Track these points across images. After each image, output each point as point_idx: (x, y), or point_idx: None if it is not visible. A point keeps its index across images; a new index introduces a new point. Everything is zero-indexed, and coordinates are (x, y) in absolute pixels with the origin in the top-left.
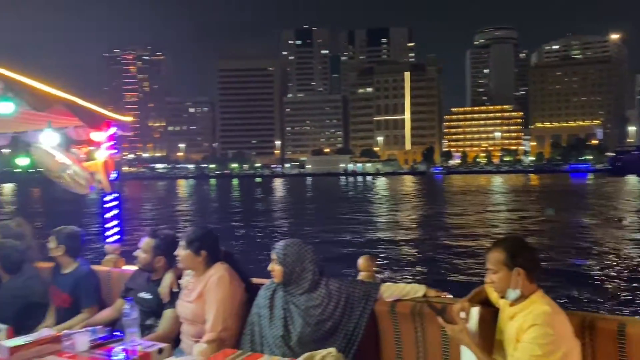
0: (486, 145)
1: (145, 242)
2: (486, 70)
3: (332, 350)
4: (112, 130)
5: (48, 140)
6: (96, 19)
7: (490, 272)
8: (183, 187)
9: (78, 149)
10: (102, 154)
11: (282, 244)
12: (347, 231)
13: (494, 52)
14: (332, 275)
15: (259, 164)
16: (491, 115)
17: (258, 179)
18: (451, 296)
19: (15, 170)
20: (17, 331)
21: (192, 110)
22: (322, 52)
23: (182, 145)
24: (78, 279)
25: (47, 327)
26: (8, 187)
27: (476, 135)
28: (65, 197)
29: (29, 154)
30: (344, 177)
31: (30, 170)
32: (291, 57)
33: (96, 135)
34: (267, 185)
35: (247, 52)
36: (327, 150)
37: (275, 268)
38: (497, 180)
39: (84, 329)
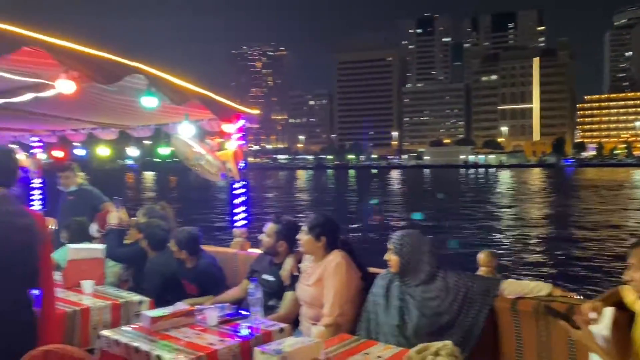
0: (626, 135)
1: (269, 227)
2: (628, 53)
3: (448, 343)
4: (241, 122)
5: (185, 131)
6: (224, 18)
7: (632, 269)
8: (302, 177)
9: (211, 140)
10: (232, 145)
11: (398, 235)
12: (466, 226)
13: (637, 32)
14: (450, 268)
15: (376, 155)
16: (631, 102)
17: (374, 170)
18: (580, 297)
19: (155, 159)
20: (156, 304)
21: (311, 102)
22: (444, 39)
23: (302, 137)
24: (201, 272)
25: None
26: (149, 175)
27: (614, 125)
28: (198, 185)
29: (169, 144)
30: (464, 169)
31: (168, 160)
32: (411, 47)
33: (227, 127)
34: (384, 177)
35: (365, 44)
36: (446, 141)
37: (391, 258)
38: (639, 175)
39: (213, 306)
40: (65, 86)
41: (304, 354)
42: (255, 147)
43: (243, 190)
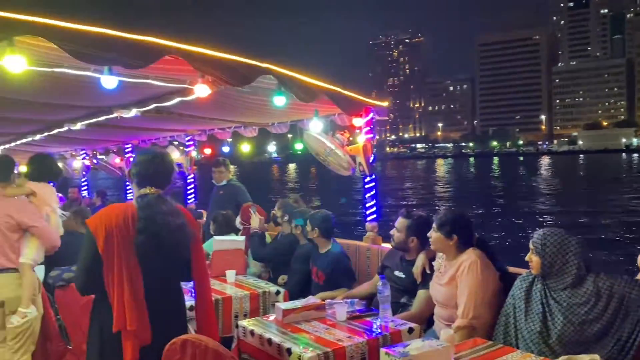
0: None
1: (400, 221)
2: None
3: (596, 357)
4: (370, 115)
5: (315, 127)
6: (362, 10)
7: None
8: (441, 166)
9: (342, 134)
10: (362, 138)
11: (540, 233)
12: (629, 221)
13: None
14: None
15: (523, 141)
16: None
17: (521, 158)
18: None
19: (295, 152)
20: (293, 295)
21: (451, 88)
22: (601, 11)
23: (440, 125)
24: (331, 260)
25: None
26: (291, 167)
27: None
28: (336, 176)
29: (302, 139)
30: (625, 154)
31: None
32: (562, 22)
33: (357, 121)
34: (532, 164)
35: (509, 23)
36: (604, 123)
37: (532, 259)
38: None
39: (343, 301)
40: (201, 90)
41: (431, 358)
42: (392, 137)
43: (373, 184)
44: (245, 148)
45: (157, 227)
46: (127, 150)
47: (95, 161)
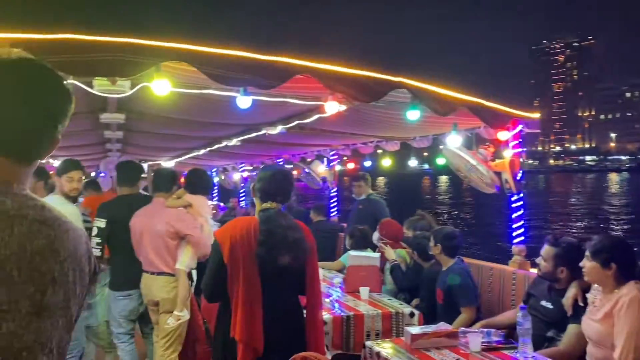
0: None
1: (546, 250)
2: None
3: None
4: (518, 128)
5: (453, 142)
6: (523, 16)
7: None
8: (614, 181)
9: (485, 149)
10: (508, 153)
11: None
12: None
13: None
14: None
15: None
16: None
17: None
18: None
19: (438, 168)
20: (427, 318)
21: (627, 95)
22: None
23: (614, 135)
24: (450, 277)
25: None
26: (443, 179)
27: None
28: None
29: (443, 154)
30: None
31: None
32: None
33: (502, 135)
34: None
35: None
36: None
37: None
38: None
39: (478, 330)
40: (331, 107)
41: None
42: (557, 148)
43: (521, 203)
44: (387, 162)
45: (276, 240)
46: (279, 164)
47: (253, 174)
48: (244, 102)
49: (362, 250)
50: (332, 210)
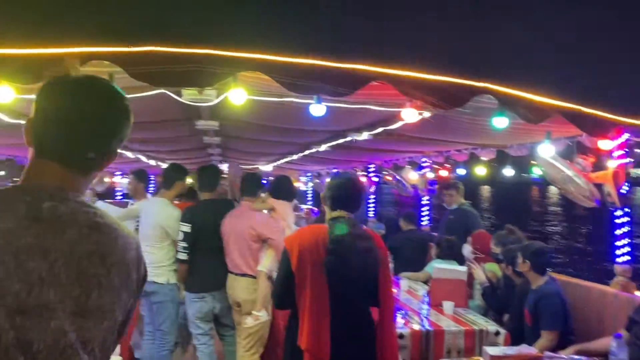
0: None
1: None
2: None
3: None
4: (624, 137)
5: (546, 151)
6: None
7: None
8: None
9: (584, 159)
10: (612, 164)
11: None
12: None
13: None
14: None
15: None
16: None
17: None
18: None
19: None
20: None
21: None
22: None
23: None
24: (538, 297)
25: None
26: (553, 189)
27: None
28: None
29: (538, 164)
30: None
31: None
32: None
33: (604, 144)
34: None
35: None
36: None
37: None
38: None
39: (568, 356)
40: (409, 115)
41: None
42: None
43: (626, 219)
44: (482, 171)
45: (345, 249)
46: (370, 170)
47: None
48: (317, 109)
49: (448, 261)
50: (423, 219)
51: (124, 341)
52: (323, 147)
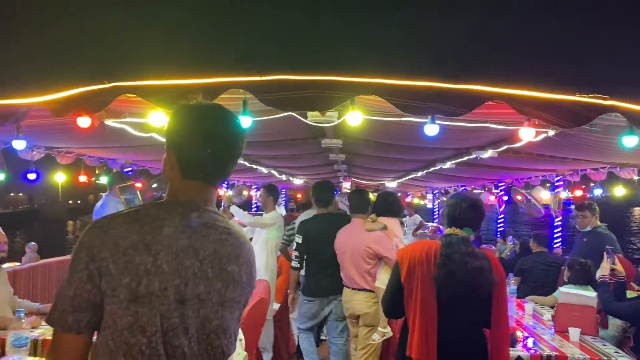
0: None
1: None
2: None
3: None
4: None
5: None
6: None
7: None
8: None
9: None
10: None
11: None
12: None
13: None
14: None
15: None
16: None
17: None
18: None
19: None
20: None
21: None
22: None
23: None
24: None
25: None
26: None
27: None
28: None
29: None
30: None
31: None
32: None
33: None
34: None
35: None
36: None
37: None
38: None
39: None
40: (527, 134)
41: None
42: None
43: None
44: (621, 191)
45: (454, 266)
46: (500, 188)
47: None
48: (431, 129)
49: (581, 286)
50: (555, 240)
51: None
52: (447, 164)
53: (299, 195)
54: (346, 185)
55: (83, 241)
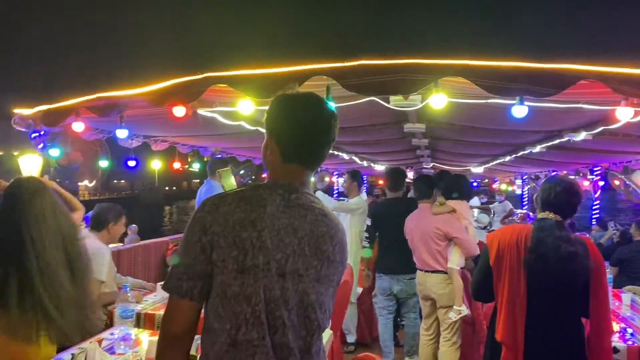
0: None
1: None
2: None
3: None
4: None
5: None
6: None
7: None
8: None
9: None
10: None
11: None
12: None
13: None
14: None
15: None
16: None
17: None
18: None
19: None
20: None
21: None
22: None
23: None
24: None
25: None
26: None
27: None
28: None
29: None
30: None
31: None
32: None
33: None
34: None
35: None
36: None
37: None
38: None
39: None
40: (624, 114)
41: None
42: None
43: None
44: None
45: (545, 250)
46: (596, 173)
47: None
48: (520, 111)
49: None
50: None
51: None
52: (537, 148)
53: (380, 182)
54: (410, 175)
55: (197, 217)
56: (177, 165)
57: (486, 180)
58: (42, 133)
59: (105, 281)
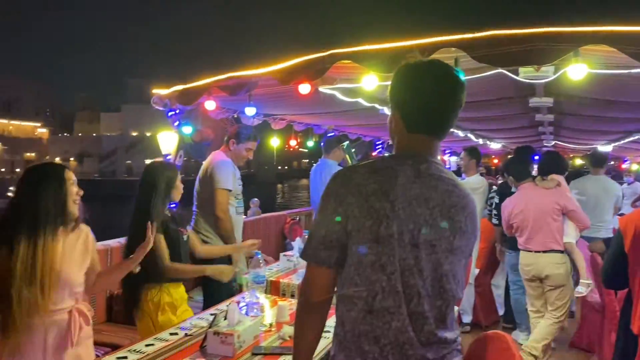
0: None
1: None
2: None
3: None
4: None
5: None
6: None
7: None
8: None
9: None
10: None
11: None
12: None
13: None
14: None
15: None
16: None
17: None
18: None
19: None
20: None
21: None
22: None
23: None
24: None
25: None
26: None
27: None
28: None
29: None
30: None
31: None
32: None
33: None
34: None
35: None
36: None
37: None
38: None
39: None
40: None
41: None
42: None
43: None
44: None
45: None
46: None
47: None
48: None
49: None
50: None
51: None
52: None
53: (495, 160)
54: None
55: (331, 188)
56: (293, 142)
57: (612, 163)
58: (177, 112)
59: (232, 189)
